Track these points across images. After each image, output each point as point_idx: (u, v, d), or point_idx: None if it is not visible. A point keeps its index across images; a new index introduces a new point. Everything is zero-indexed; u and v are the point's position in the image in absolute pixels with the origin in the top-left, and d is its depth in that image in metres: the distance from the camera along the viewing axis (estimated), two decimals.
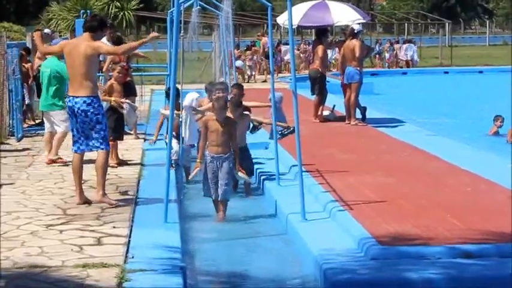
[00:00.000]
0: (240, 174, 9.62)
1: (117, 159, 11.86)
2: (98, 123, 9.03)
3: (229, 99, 10.19)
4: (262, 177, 11.23)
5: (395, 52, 41.76)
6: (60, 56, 10.88)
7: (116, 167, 11.57)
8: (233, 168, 9.46)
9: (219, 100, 9.60)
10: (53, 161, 12.01)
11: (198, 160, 9.64)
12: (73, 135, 9.24)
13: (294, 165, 10.83)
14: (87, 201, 9.15)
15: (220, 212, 9.44)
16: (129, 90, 13.72)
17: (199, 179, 9.76)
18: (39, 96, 17.67)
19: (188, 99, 11.26)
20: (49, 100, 12.24)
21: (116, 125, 11.88)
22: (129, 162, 12.05)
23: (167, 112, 11.37)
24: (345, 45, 17.35)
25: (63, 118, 11.95)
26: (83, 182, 9.38)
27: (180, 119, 11.33)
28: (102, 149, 9.09)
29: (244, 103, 10.74)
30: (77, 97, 8.98)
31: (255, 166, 11.37)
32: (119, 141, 12.09)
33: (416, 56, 41.99)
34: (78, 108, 8.97)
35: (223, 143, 9.40)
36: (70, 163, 11.57)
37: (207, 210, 9.62)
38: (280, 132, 11.27)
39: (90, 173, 9.74)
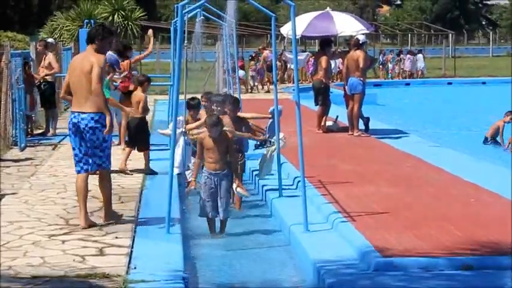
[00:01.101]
0: (239, 190, 9.49)
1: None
2: (104, 141, 8.55)
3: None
4: (264, 188, 11.22)
5: (402, 62, 41.67)
6: None
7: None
8: (231, 184, 9.33)
9: (210, 117, 9.33)
10: None
11: (192, 178, 9.47)
12: (75, 155, 8.64)
13: (296, 176, 10.82)
14: (92, 225, 8.59)
15: (214, 232, 9.28)
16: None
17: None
18: (42, 106, 17.77)
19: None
20: None
21: (145, 136, 12.24)
22: (129, 172, 12.04)
23: (166, 131, 11.34)
24: (349, 56, 17.34)
25: None
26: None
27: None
28: (104, 168, 8.67)
29: (242, 114, 10.65)
30: (83, 113, 8.47)
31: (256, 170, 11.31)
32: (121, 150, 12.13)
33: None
34: (86, 125, 8.44)
35: (220, 160, 9.18)
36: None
37: None
38: (259, 143, 11.13)
39: (92, 182, 9.69)
